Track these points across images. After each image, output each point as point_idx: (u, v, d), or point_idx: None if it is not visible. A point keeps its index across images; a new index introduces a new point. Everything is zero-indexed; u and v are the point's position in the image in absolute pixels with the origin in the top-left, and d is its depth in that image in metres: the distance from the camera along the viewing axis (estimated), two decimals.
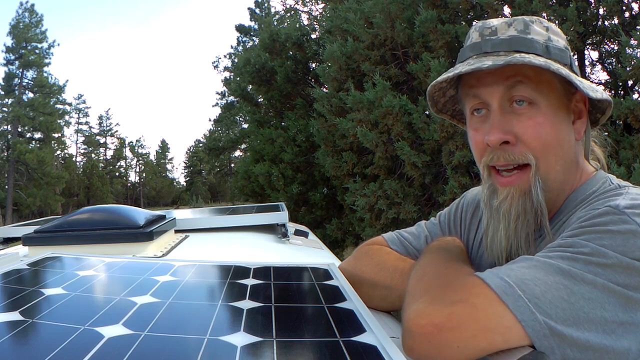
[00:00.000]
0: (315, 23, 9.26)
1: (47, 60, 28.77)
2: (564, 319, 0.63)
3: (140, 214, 1.54)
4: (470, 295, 0.67)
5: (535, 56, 0.78)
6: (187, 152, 49.56)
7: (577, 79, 0.78)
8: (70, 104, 36.10)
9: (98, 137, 44.56)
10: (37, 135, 29.41)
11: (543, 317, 0.63)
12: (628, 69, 3.21)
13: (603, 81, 4.35)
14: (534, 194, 0.79)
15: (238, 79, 11.47)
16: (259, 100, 9.74)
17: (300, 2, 14.64)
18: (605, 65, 4.21)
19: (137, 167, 47.44)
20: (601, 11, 3.77)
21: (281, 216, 2.02)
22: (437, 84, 0.86)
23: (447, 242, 0.95)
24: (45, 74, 28.79)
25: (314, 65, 7.89)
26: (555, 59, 0.80)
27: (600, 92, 0.81)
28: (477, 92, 0.82)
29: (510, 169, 0.81)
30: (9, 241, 1.84)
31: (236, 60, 22.49)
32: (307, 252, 1.73)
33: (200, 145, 43.94)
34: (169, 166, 52.50)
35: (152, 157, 48.75)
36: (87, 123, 46.31)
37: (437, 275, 0.77)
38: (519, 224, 0.81)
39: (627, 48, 3.18)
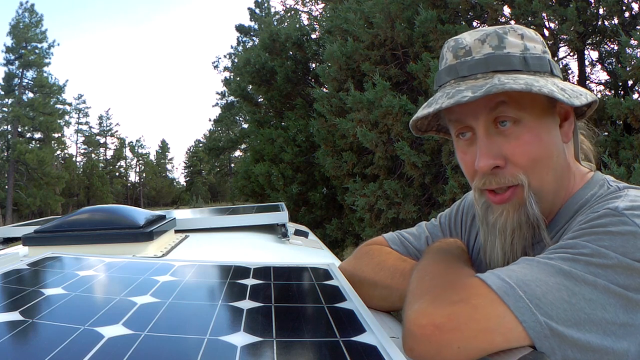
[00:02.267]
0: (315, 23, 9.25)
1: (47, 60, 28.76)
2: (565, 320, 0.63)
3: (140, 214, 1.54)
4: (471, 295, 0.67)
5: (516, 75, 0.76)
6: (187, 152, 49.61)
7: (560, 90, 0.76)
8: (70, 104, 36.11)
9: (98, 137, 44.55)
10: (37, 135, 29.40)
11: (544, 317, 0.63)
12: (628, 69, 3.21)
13: (603, 81, 4.35)
14: (528, 208, 0.79)
15: (238, 79, 11.47)
16: (259, 100, 9.74)
17: (300, 2, 14.64)
18: (605, 65, 4.21)
19: (137, 167, 47.45)
20: (601, 11, 3.77)
21: (281, 216, 2.02)
22: (416, 120, 0.84)
23: (448, 243, 0.95)
24: (45, 74, 28.78)
25: (314, 65, 7.89)
26: (535, 70, 0.78)
27: (584, 96, 0.79)
28: (461, 118, 0.81)
29: (502, 188, 0.81)
30: (9, 241, 1.84)
31: (236, 60, 22.51)
32: (307, 252, 1.73)
33: (200, 145, 43.95)
34: (169, 166, 52.53)
35: (152, 157, 48.80)
36: (87, 123, 46.35)
37: (438, 276, 0.77)
38: (515, 238, 0.81)
39: (627, 48, 3.17)
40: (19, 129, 27.85)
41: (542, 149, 0.78)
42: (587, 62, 4.30)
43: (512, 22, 3.90)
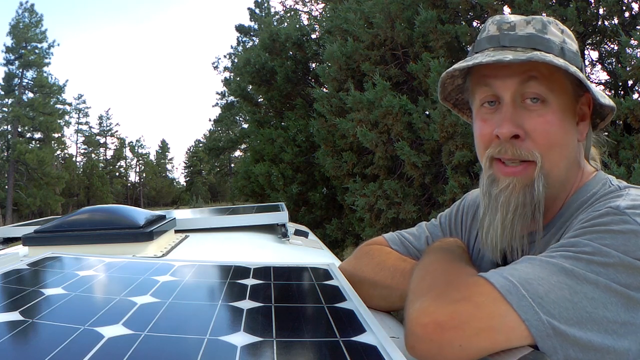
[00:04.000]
0: (315, 23, 9.25)
1: (47, 60, 28.76)
2: (567, 319, 0.63)
3: (140, 214, 1.54)
4: (473, 293, 0.67)
5: (554, 56, 0.78)
6: (187, 152, 49.61)
7: (589, 83, 0.78)
8: (70, 104, 36.10)
9: (98, 137, 44.55)
10: (37, 135, 29.41)
11: (547, 316, 0.63)
12: (628, 69, 3.21)
13: (603, 81, 4.35)
14: (535, 189, 0.79)
15: (238, 79, 11.47)
16: (259, 100, 9.73)
17: (300, 2, 14.64)
18: (605, 65, 4.21)
19: (137, 167, 47.45)
20: (601, 11, 3.76)
21: (281, 216, 2.02)
22: (452, 71, 0.85)
23: (449, 242, 0.95)
24: (45, 74, 28.78)
25: (314, 65, 7.88)
26: (570, 62, 0.80)
27: (607, 99, 0.82)
28: (490, 83, 0.82)
29: (515, 161, 0.82)
30: (9, 241, 1.84)
31: (236, 61, 22.52)
32: (307, 252, 1.73)
33: (200, 145, 43.95)
34: (169, 166, 52.51)
35: (152, 157, 48.78)
36: (87, 123, 46.31)
37: (439, 275, 0.77)
38: (517, 216, 0.81)
39: (627, 48, 3.17)
40: (19, 129, 27.85)
41: (560, 133, 0.80)
42: (587, 62, 4.30)
43: None
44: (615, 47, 3.83)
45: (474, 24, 4.59)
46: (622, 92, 3.87)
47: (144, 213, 1.58)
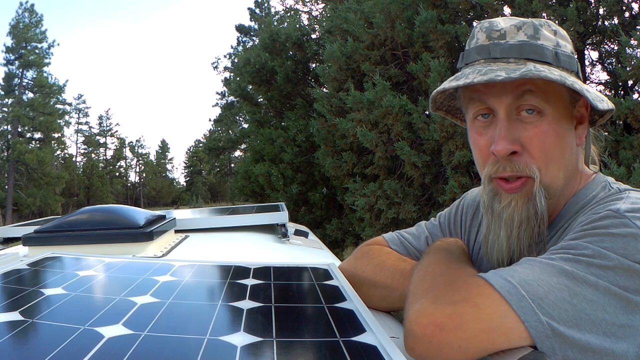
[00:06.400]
0: (315, 23, 9.26)
1: (47, 60, 28.76)
2: (566, 320, 0.63)
3: (140, 214, 1.54)
4: (473, 295, 0.67)
5: (549, 67, 0.76)
6: (187, 152, 49.66)
7: (587, 90, 0.77)
8: (70, 104, 36.17)
9: (98, 137, 44.55)
10: (37, 135, 29.42)
11: (546, 317, 0.63)
12: (628, 69, 3.21)
13: (603, 81, 4.35)
14: (537, 202, 0.78)
15: (238, 79, 11.49)
16: (259, 100, 9.74)
17: (300, 2, 14.63)
18: (605, 65, 4.21)
19: (137, 167, 47.45)
20: (601, 11, 3.76)
21: (281, 216, 2.02)
22: (443, 90, 0.83)
23: (449, 243, 0.94)
24: (45, 74, 28.78)
25: (314, 65, 7.89)
26: (564, 67, 0.79)
27: (605, 102, 0.80)
28: (483, 98, 0.80)
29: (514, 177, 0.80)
30: (9, 241, 1.84)
31: (236, 61, 22.52)
32: (307, 252, 1.73)
33: (200, 145, 43.96)
34: (169, 166, 52.53)
35: (152, 157, 48.81)
36: (87, 123, 46.34)
37: (439, 275, 0.77)
38: (522, 231, 0.80)
39: (627, 48, 3.18)
40: (19, 129, 27.85)
41: (557, 144, 0.78)
42: (587, 62, 4.30)
43: None
44: (615, 47, 3.83)
45: (474, 24, 4.58)
46: (622, 92, 3.87)
47: (144, 213, 1.58)
